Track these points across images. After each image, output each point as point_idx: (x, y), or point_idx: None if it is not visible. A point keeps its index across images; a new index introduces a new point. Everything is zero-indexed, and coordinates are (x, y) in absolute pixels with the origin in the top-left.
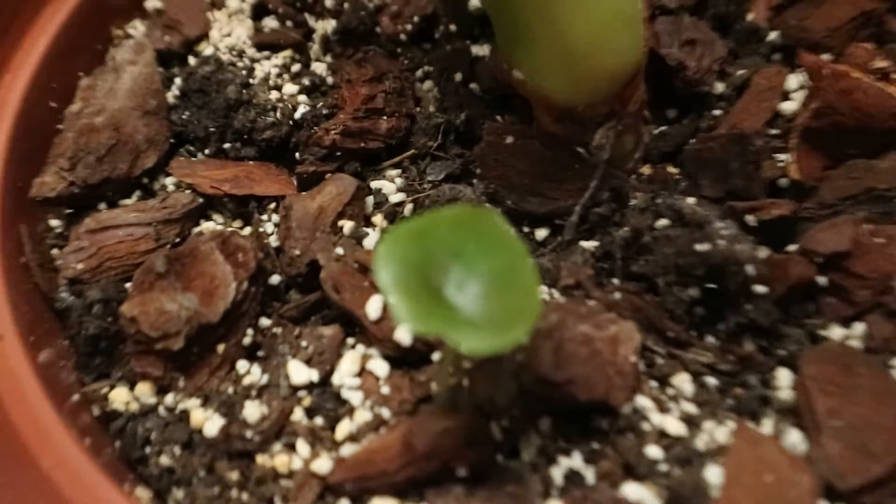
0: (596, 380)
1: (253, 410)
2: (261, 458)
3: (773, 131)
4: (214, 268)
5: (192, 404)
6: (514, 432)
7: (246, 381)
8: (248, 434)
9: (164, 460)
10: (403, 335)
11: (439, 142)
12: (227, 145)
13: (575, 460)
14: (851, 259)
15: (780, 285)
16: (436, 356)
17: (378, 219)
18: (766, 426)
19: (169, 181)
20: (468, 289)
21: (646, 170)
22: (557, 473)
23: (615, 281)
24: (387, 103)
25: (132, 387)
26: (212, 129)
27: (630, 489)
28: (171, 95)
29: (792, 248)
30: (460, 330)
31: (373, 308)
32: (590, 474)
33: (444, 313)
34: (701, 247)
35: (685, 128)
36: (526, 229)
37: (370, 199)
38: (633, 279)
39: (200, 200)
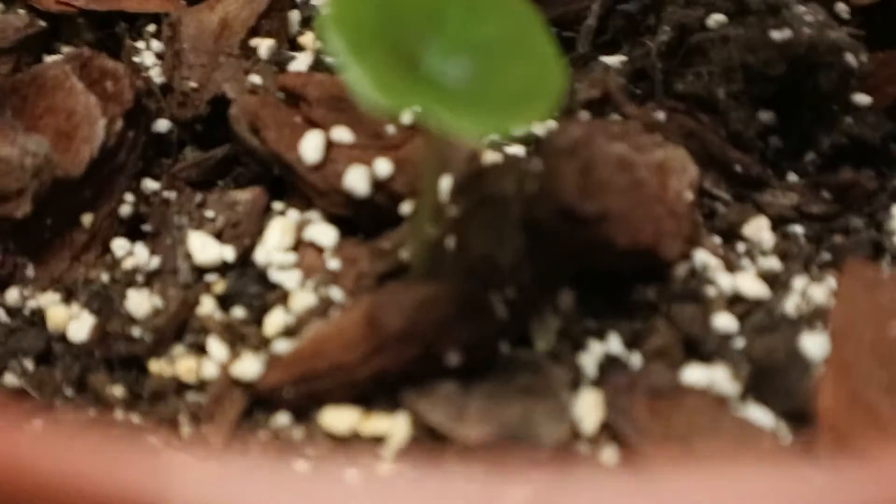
0: (640, 219)
1: (140, 301)
2: (156, 365)
3: None
4: (72, 100)
5: (49, 300)
6: (524, 308)
7: (127, 265)
8: (136, 332)
9: (11, 380)
10: (356, 181)
11: None
12: None
13: (612, 344)
14: None
15: (891, 89)
16: (407, 207)
17: (308, 39)
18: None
19: None
20: (458, 61)
21: None
22: (589, 361)
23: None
24: None
25: None
26: None
27: (694, 372)
28: None
29: None
30: (453, 107)
31: (310, 148)
32: (636, 359)
33: (426, 85)
34: (778, 34)
35: None
36: None
37: (295, 15)
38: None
39: (42, 24)
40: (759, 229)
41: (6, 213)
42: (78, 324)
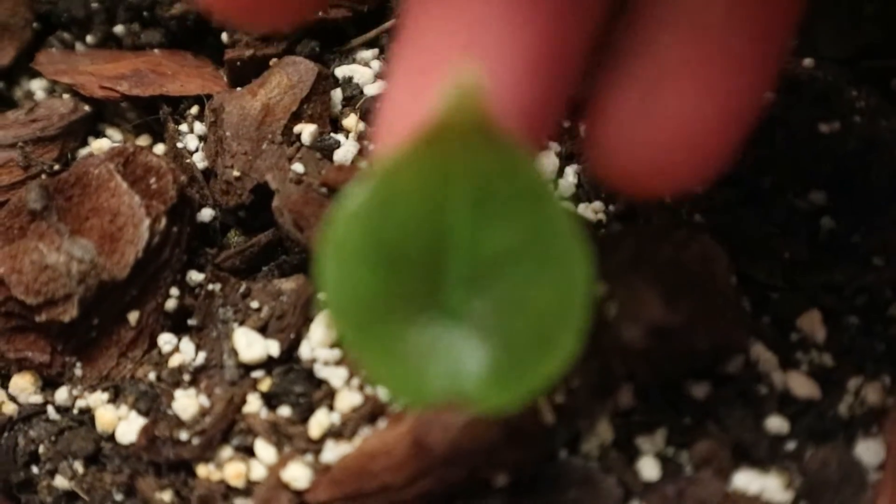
0: (710, 317)
1: (187, 403)
2: (204, 470)
3: None
4: (116, 200)
5: (98, 400)
6: (574, 412)
7: (174, 361)
8: (183, 436)
9: (61, 482)
10: None
11: None
12: (119, 28)
13: (662, 446)
14: None
15: None
16: None
17: (351, 121)
18: None
19: (37, 85)
20: (472, 292)
21: None
22: (638, 466)
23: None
24: None
25: (5, 381)
26: (95, 6)
27: (745, 479)
28: None
29: None
30: (469, 382)
31: None
32: (685, 462)
33: (439, 361)
34: (827, 127)
35: None
36: None
37: (337, 94)
38: (722, 186)
39: (87, 109)
40: (811, 321)
41: (54, 317)
42: (126, 425)
